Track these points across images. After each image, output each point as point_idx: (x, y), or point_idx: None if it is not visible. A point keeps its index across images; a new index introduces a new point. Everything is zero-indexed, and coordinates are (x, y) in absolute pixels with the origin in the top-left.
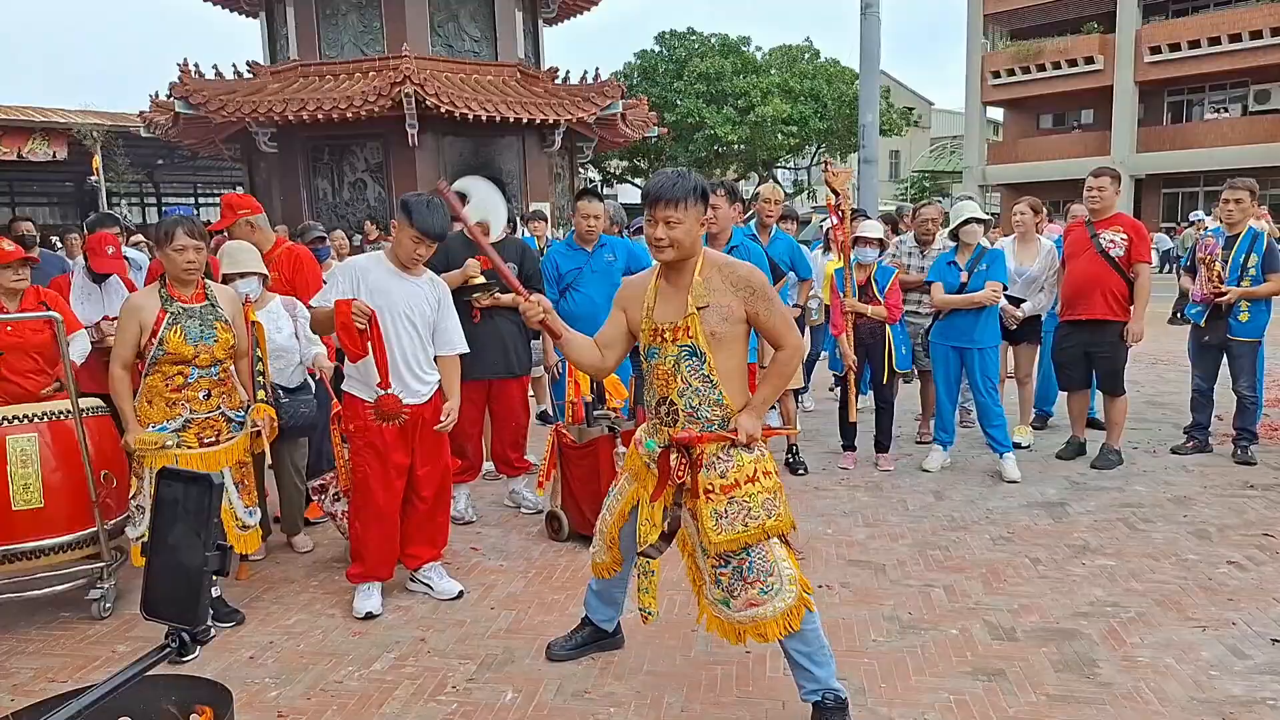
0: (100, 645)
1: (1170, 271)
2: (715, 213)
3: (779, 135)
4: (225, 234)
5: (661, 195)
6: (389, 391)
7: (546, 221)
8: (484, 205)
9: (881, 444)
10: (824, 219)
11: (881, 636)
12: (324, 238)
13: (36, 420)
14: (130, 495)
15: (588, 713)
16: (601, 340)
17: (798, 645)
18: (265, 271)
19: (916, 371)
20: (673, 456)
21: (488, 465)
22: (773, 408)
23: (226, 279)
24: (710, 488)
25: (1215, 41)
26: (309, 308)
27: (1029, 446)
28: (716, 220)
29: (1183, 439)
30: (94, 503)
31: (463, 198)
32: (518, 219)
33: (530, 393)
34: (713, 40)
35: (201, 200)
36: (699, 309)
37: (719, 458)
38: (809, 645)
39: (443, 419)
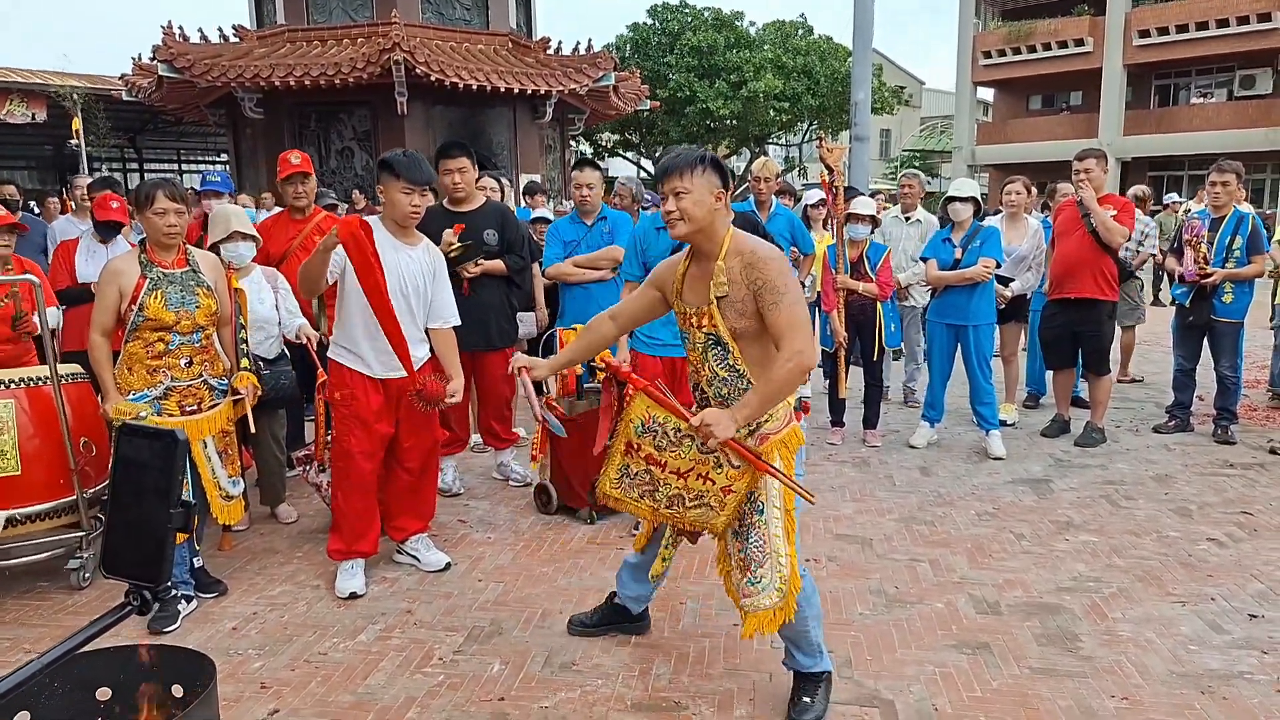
0: (78, 616)
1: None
2: None
3: (771, 111)
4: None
5: (667, 169)
6: (430, 377)
7: (546, 195)
8: None
9: (870, 420)
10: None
11: (868, 610)
12: (335, 205)
13: (14, 386)
14: (110, 464)
15: (575, 684)
16: (617, 310)
17: (785, 631)
18: (257, 234)
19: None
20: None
21: (475, 438)
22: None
23: (214, 247)
24: (635, 446)
25: (1203, 26)
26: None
27: (1014, 424)
28: None
29: (1165, 418)
30: (73, 470)
31: None
32: (505, 185)
33: None
34: (706, 14)
35: (185, 166)
36: (718, 299)
37: (665, 434)
38: (793, 635)
39: (447, 399)
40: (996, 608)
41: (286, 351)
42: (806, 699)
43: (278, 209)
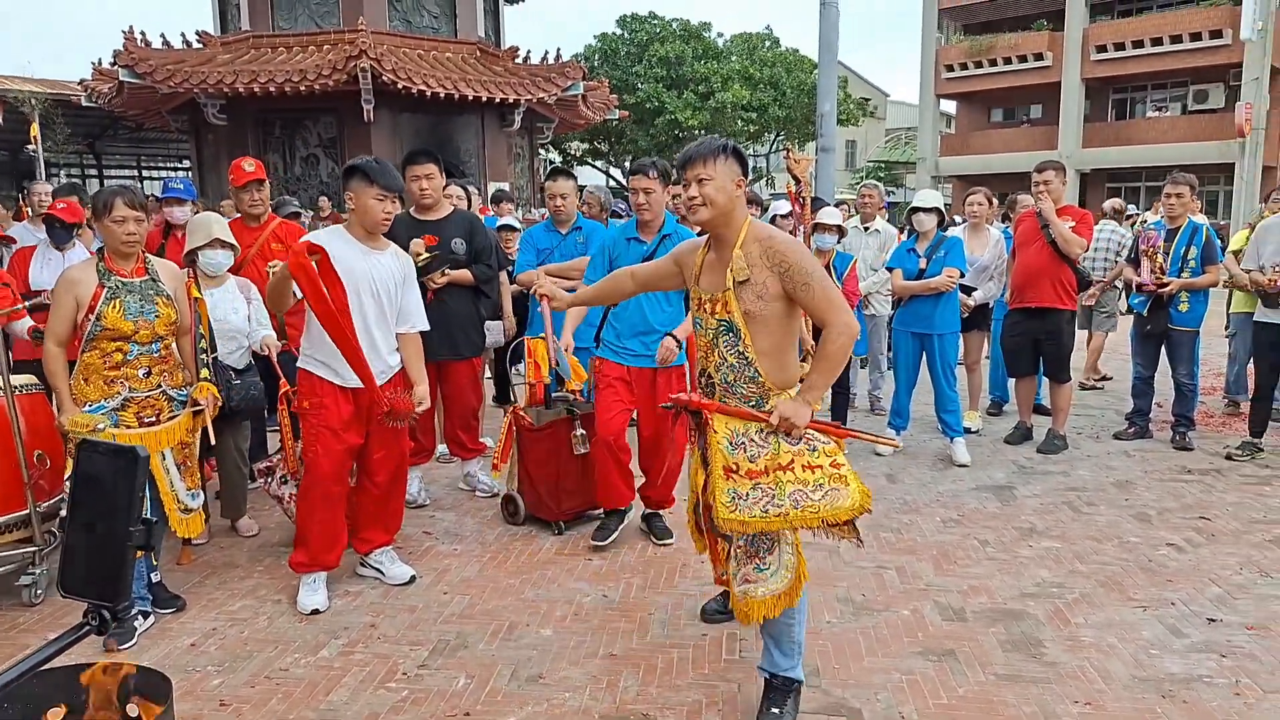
0: (31, 634)
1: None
2: (648, 197)
3: (739, 121)
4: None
5: (690, 156)
6: (398, 394)
7: (514, 203)
8: None
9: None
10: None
11: (835, 618)
12: (299, 213)
13: None
14: (65, 476)
15: (542, 698)
16: (637, 269)
17: (768, 628)
18: (236, 244)
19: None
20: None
21: (441, 448)
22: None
23: (190, 254)
24: (733, 467)
25: (1158, 42)
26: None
27: (978, 431)
28: (649, 205)
29: (1125, 425)
30: (26, 484)
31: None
32: (471, 193)
33: (488, 374)
34: (674, 25)
35: (145, 173)
36: (737, 283)
37: (752, 440)
38: (776, 630)
39: (416, 409)
40: (962, 614)
41: (253, 362)
42: (775, 710)
43: (237, 215)
